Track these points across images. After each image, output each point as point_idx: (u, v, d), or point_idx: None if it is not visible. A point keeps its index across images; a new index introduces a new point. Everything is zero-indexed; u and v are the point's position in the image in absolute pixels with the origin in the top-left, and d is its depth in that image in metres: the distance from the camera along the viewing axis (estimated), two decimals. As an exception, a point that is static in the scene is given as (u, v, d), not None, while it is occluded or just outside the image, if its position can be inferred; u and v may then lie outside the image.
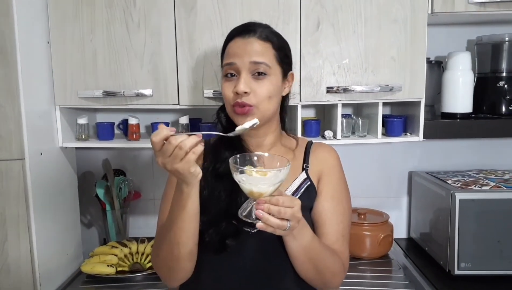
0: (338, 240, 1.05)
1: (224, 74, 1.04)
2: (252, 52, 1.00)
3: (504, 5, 1.42)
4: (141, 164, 1.85)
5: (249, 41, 1.01)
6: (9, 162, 1.31)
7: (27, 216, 1.33)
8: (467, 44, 1.76)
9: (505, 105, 1.58)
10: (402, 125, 1.57)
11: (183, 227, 0.93)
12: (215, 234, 0.99)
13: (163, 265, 1.01)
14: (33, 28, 1.38)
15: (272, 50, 1.03)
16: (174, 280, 1.03)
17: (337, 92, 1.44)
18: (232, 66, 1.01)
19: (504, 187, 1.49)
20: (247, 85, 0.99)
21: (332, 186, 1.08)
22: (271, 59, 1.02)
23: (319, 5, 1.41)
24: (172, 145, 0.81)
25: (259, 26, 1.05)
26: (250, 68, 1.00)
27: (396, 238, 1.79)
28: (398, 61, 1.44)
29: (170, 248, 0.96)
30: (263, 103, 1.01)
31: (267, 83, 1.01)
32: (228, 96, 1.02)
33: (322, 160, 1.11)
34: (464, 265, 1.44)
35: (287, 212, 0.84)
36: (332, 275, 1.02)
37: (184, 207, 0.91)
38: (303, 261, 0.98)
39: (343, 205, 1.08)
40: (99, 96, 1.45)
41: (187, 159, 0.82)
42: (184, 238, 0.94)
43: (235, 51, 1.02)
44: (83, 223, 1.82)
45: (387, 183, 1.87)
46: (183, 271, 1.00)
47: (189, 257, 0.97)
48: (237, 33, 1.04)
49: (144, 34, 1.43)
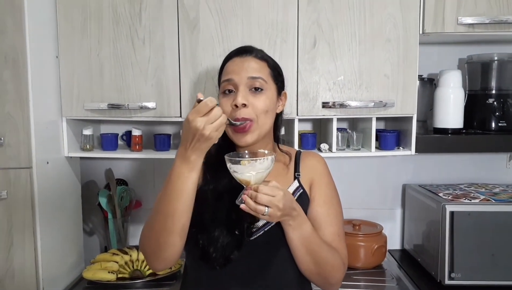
0: (334, 240, 1.10)
1: (222, 91, 1.08)
2: (249, 68, 1.06)
3: (491, 27, 1.49)
4: (143, 174, 1.90)
5: (246, 59, 1.08)
6: (17, 170, 1.36)
7: (32, 223, 1.38)
8: (458, 63, 1.83)
9: (495, 121, 1.64)
10: (395, 140, 1.63)
11: (182, 197, 0.95)
12: (219, 250, 1.02)
13: (152, 241, 1.00)
14: (43, 43, 1.44)
15: (268, 68, 1.09)
16: (161, 259, 1.01)
17: (332, 107, 1.51)
18: (230, 82, 1.06)
19: (493, 200, 1.54)
20: (245, 98, 1.04)
21: (323, 192, 1.14)
22: (267, 76, 1.08)
23: (316, 25, 1.48)
24: (220, 112, 0.91)
25: (254, 48, 1.12)
26: (247, 83, 1.05)
27: (390, 249, 1.84)
28: (391, 78, 1.51)
29: (163, 220, 0.97)
30: (261, 117, 1.06)
31: (264, 97, 1.06)
32: (226, 111, 1.04)
33: (312, 167, 1.17)
34: (454, 276, 1.49)
35: (263, 198, 0.92)
36: (331, 268, 1.06)
37: (187, 178, 0.94)
38: (303, 252, 1.02)
39: (335, 208, 1.14)
40: (104, 108, 1.51)
41: (221, 129, 0.92)
42: (180, 210, 0.95)
43: (233, 68, 1.07)
44: (85, 230, 1.87)
45: (382, 196, 1.92)
46: (172, 247, 0.99)
47: (181, 232, 0.98)
48: (235, 54, 1.10)
49: (149, 50, 1.50)
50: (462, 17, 1.48)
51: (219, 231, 1.03)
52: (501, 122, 1.64)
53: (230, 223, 1.03)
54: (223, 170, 1.06)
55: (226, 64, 1.11)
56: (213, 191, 1.07)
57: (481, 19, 1.48)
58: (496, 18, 1.47)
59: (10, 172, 1.36)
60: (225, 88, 1.07)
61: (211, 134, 0.89)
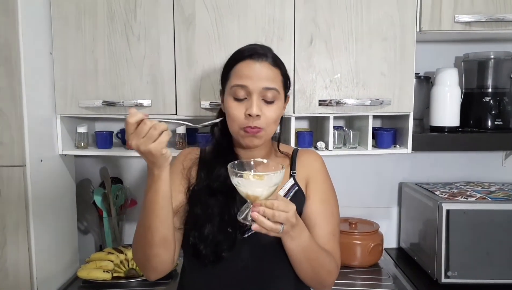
0: (329, 240, 1.09)
1: (233, 95, 1.05)
2: (264, 77, 1.04)
3: (488, 25, 1.49)
4: (138, 172, 1.89)
5: (262, 66, 1.04)
6: (11, 168, 1.35)
7: (26, 221, 1.36)
8: (454, 61, 1.82)
9: (491, 119, 1.64)
10: (392, 138, 1.63)
11: (155, 211, 0.95)
12: (210, 247, 1.02)
13: (139, 252, 1.02)
14: (36, 39, 1.43)
15: (280, 76, 1.08)
16: (150, 269, 1.02)
17: (329, 105, 1.50)
18: (243, 88, 1.04)
19: (489, 199, 1.54)
20: (259, 109, 1.03)
21: (319, 189, 1.13)
22: (280, 86, 1.07)
23: (313, 23, 1.47)
24: (147, 126, 0.86)
25: (267, 49, 1.08)
26: (261, 93, 1.04)
27: (386, 247, 1.84)
28: (388, 76, 1.50)
29: (143, 232, 0.97)
30: (270, 126, 1.07)
31: (275, 107, 1.06)
32: (239, 118, 1.04)
33: (308, 165, 1.16)
34: (450, 274, 1.49)
35: (281, 215, 0.88)
36: (327, 273, 1.06)
37: (156, 191, 0.93)
38: (300, 260, 1.02)
39: (331, 206, 1.13)
40: (99, 105, 1.49)
41: (160, 140, 0.87)
42: (156, 223, 0.95)
43: (248, 73, 1.04)
44: (80, 229, 1.85)
45: (378, 194, 1.92)
46: (157, 258, 0.99)
47: (163, 244, 0.97)
48: (248, 55, 1.06)
49: (144, 47, 1.48)
50: (459, 15, 1.48)
51: (210, 227, 1.02)
52: (497, 120, 1.64)
53: (223, 220, 1.03)
54: (217, 168, 1.06)
55: (238, 65, 1.07)
56: (206, 188, 1.07)
57: (478, 17, 1.47)
58: (493, 16, 1.47)
59: (3, 170, 1.34)
60: (237, 94, 1.05)
61: (149, 147, 0.86)
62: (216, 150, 1.14)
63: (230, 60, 1.10)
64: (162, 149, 0.87)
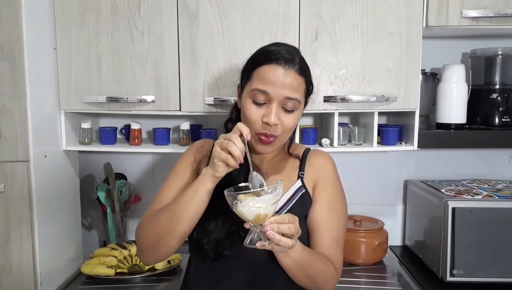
0: (331, 245, 1.07)
1: (252, 97, 1.01)
2: (288, 86, 0.99)
3: (496, 20, 1.47)
4: (142, 168, 1.89)
5: (287, 74, 0.99)
6: (15, 163, 1.35)
7: (30, 217, 1.36)
8: (461, 57, 1.80)
9: (498, 116, 1.62)
10: (397, 135, 1.61)
11: (189, 208, 0.96)
12: (212, 243, 1.01)
13: (152, 238, 1.01)
14: (40, 34, 1.42)
15: (304, 85, 1.03)
16: (155, 256, 1.04)
17: (334, 101, 1.49)
18: (265, 94, 0.99)
19: (496, 197, 1.52)
20: (278, 117, 1.00)
21: (327, 194, 1.10)
22: (302, 95, 1.03)
23: (318, 17, 1.46)
24: (235, 138, 0.92)
25: (295, 53, 1.03)
26: (281, 101, 1.00)
27: (391, 245, 1.82)
28: (394, 72, 1.49)
29: (169, 221, 0.98)
30: (286, 133, 1.05)
31: (294, 116, 1.03)
32: (255, 122, 1.01)
33: (318, 167, 1.13)
34: (456, 272, 1.47)
35: (291, 228, 0.87)
36: (324, 281, 1.05)
37: (196, 189, 0.96)
38: (296, 272, 1.01)
39: (338, 212, 1.10)
40: (103, 101, 1.49)
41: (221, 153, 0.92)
42: (185, 218, 0.97)
43: (272, 79, 0.99)
44: (83, 225, 1.86)
45: (383, 191, 1.90)
46: (168, 248, 1.01)
47: (179, 237, 0.99)
48: (275, 59, 1.00)
49: (148, 42, 1.48)
50: (466, 10, 1.45)
51: (214, 224, 1.02)
52: (505, 117, 1.62)
53: (227, 217, 1.01)
54: None
55: (262, 67, 1.01)
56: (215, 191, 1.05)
57: (486, 12, 1.45)
58: (500, 12, 1.45)
59: (7, 166, 1.35)
60: (257, 98, 1.00)
61: (217, 163, 0.92)
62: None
63: (254, 59, 1.05)
64: (219, 169, 0.93)
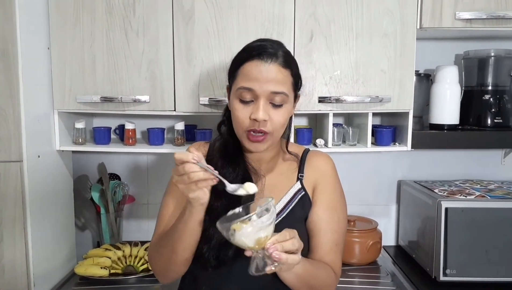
0: (331, 249, 1.06)
1: (238, 97, 1.00)
2: (273, 81, 0.97)
3: (489, 22, 1.48)
4: (136, 169, 1.88)
5: (271, 68, 0.97)
6: (8, 164, 1.34)
7: (23, 218, 1.35)
8: (455, 58, 1.82)
9: (491, 117, 1.64)
10: (391, 135, 1.62)
11: (184, 240, 0.97)
12: (213, 250, 1.00)
13: (159, 264, 1.06)
14: (34, 34, 1.41)
15: (290, 77, 1.01)
16: (167, 278, 1.08)
17: (328, 102, 1.49)
18: (250, 91, 0.98)
19: (488, 197, 1.54)
20: (266, 113, 0.98)
21: (327, 196, 1.09)
22: (289, 88, 1.01)
23: (313, 18, 1.46)
24: (183, 170, 0.86)
25: (278, 47, 1.01)
26: (269, 96, 0.98)
27: (384, 245, 1.83)
28: (388, 73, 1.50)
29: (169, 253, 1.01)
30: (278, 130, 1.02)
31: (283, 111, 1.01)
32: (243, 121, 1.00)
33: (317, 169, 1.12)
34: (449, 272, 1.48)
35: (295, 243, 0.85)
36: (325, 288, 1.04)
37: (185, 223, 0.95)
38: (298, 285, 0.99)
39: (338, 215, 1.09)
40: (97, 101, 1.48)
41: (190, 187, 0.87)
42: (181, 249, 0.99)
43: (255, 76, 0.97)
44: (77, 225, 1.84)
45: (377, 192, 1.91)
46: (176, 273, 1.06)
47: (184, 263, 1.02)
48: (257, 55, 0.99)
49: (143, 42, 1.47)
50: (459, 12, 1.47)
51: (214, 230, 0.98)
52: (497, 118, 1.63)
53: None
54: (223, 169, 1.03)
55: (245, 64, 1.00)
56: (211, 190, 1.04)
57: (479, 14, 1.47)
58: (493, 14, 1.47)
59: (0, 165, 1.33)
60: (244, 96, 0.99)
61: (181, 186, 0.88)
62: (223, 150, 1.09)
63: (238, 57, 1.03)
64: (189, 194, 0.89)
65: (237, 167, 1.03)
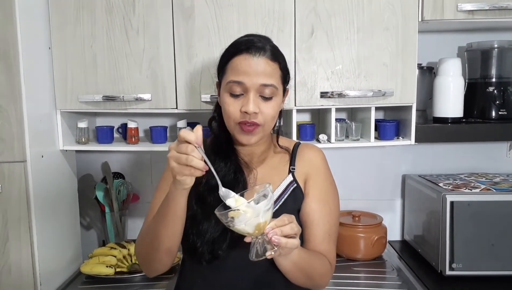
0: (324, 239, 1.08)
1: (229, 91, 1.02)
2: (262, 73, 0.99)
3: (491, 13, 1.47)
4: (140, 167, 1.88)
5: (259, 61, 1.00)
6: (11, 164, 1.34)
7: (28, 217, 1.36)
8: (457, 51, 1.80)
9: (495, 110, 1.62)
10: (395, 129, 1.61)
11: (166, 225, 0.97)
12: (207, 245, 1.01)
13: (143, 253, 1.06)
14: (35, 34, 1.41)
15: (279, 70, 1.03)
16: (151, 270, 1.08)
17: (331, 97, 1.48)
18: (240, 85, 1.00)
19: (493, 190, 1.53)
20: (256, 106, 1.00)
21: (318, 187, 1.11)
22: (278, 81, 1.03)
23: (313, 13, 1.46)
24: (185, 149, 0.85)
25: (265, 41, 1.04)
26: (258, 89, 1.00)
27: (390, 240, 1.82)
28: (390, 67, 1.48)
29: (151, 239, 1.00)
30: (268, 122, 1.03)
31: (273, 104, 1.02)
32: (234, 114, 1.01)
33: (308, 161, 1.13)
34: (455, 266, 1.48)
35: (293, 227, 0.87)
36: (320, 277, 1.06)
37: (168, 206, 0.95)
38: (294, 273, 1.00)
39: (330, 206, 1.11)
40: (99, 100, 1.48)
41: (183, 169, 0.85)
42: (163, 235, 0.98)
43: (245, 69, 0.99)
44: (82, 225, 1.85)
45: (381, 186, 1.90)
46: (159, 263, 1.04)
47: (166, 252, 1.01)
48: (245, 49, 1.01)
49: (143, 40, 1.47)
50: (461, 4, 1.45)
51: (207, 224, 1.01)
52: (502, 110, 1.62)
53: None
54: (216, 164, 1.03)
55: (234, 59, 1.02)
56: (205, 185, 1.04)
57: (481, 6, 1.45)
58: (496, 4, 1.45)
59: (3, 166, 1.34)
60: (234, 90, 1.01)
61: (173, 165, 0.86)
62: (215, 145, 1.11)
63: (226, 53, 1.05)
64: (176, 175, 0.87)
65: (229, 162, 1.03)
